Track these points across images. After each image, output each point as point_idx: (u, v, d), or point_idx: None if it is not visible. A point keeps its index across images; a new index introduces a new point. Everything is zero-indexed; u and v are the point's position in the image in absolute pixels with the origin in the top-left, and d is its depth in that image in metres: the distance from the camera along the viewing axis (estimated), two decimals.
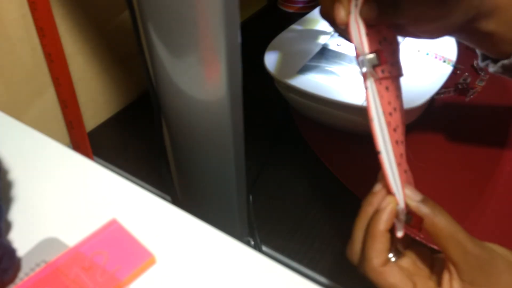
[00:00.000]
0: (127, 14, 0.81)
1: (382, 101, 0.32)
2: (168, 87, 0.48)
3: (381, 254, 0.31)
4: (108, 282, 0.33)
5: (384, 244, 0.32)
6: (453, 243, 0.30)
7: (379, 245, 0.31)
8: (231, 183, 0.56)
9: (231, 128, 0.51)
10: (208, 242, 0.37)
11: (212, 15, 0.41)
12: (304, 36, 0.78)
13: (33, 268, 0.35)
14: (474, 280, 0.30)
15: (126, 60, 0.87)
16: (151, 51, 0.46)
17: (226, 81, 0.46)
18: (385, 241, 0.32)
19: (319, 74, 0.69)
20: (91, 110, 0.85)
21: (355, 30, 0.31)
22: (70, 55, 0.75)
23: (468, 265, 0.30)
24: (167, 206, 0.39)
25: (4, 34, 0.65)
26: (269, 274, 0.35)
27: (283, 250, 0.62)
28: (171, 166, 0.60)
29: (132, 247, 0.35)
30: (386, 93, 0.32)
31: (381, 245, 0.32)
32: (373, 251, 0.31)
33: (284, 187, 0.70)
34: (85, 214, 0.39)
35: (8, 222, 0.38)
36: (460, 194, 0.61)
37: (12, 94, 0.70)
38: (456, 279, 0.30)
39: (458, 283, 0.30)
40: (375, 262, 0.31)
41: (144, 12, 0.44)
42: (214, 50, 0.44)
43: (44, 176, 0.42)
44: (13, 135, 0.46)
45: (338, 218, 0.66)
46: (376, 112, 0.32)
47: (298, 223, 0.65)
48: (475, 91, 0.77)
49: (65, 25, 0.73)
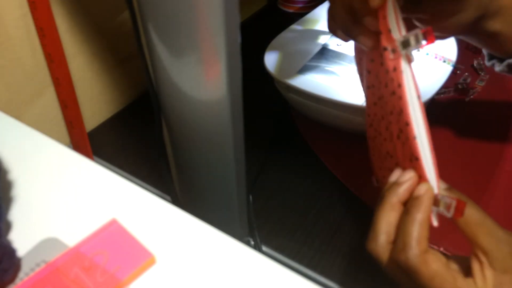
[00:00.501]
0: (127, 14, 0.81)
1: (415, 84, 0.31)
2: (168, 87, 0.48)
3: (424, 241, 0.30)
4: (108, 282, 0.33)
5: (426, 231, 0.30)
6: (484, 230, 0.29)
7: (423, 232, 0.30)
8: (231, 183, 0.56)
9: (231, 128, 0.50)
10: (208, 242, 0.37)
11: (212, 15, 0.41)
12: (304, 36, 0.78)
13: (33, 268, 0.35)
14: (507, 268, 0.29)
15: (126, 60, 0.87)
16: (151, 51, 0.46)
17: (226, 81, 0.46)
18: (426, 229, 0.30)
19: (319, 74, 0.69)
20: (91, 110, 0.85)
21: (392, 13, 0.31)
22: (70, 55, 0.75)
23: (501, 252, 0.29)
24: (167, 206, 0.39)
25: (4, 34, 0.65)
26: (269, 274, 0.35)
27: (283, 250, 0.62)
28: (171, 166, 0.60)
29: (132, 247, 0.35)
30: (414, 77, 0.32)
31: (424, 232, 0.30)
32: (416, 238, 0.30)
33: (284, 187, 0.70)
34: (85, 214, 0.39)
35: (8, 222, 0.38)
36: None
37: (12, 94, 0.70)
38: (488, 268, 0.29)
39: (490, 272, 0.29)
40: (419, 248, 0.30)
41: (144, 12, 0.44)
42: (214, 50, 0.44)
43: (44, 176, 0.42)
44: (13, 135, 0.46)
45: (338, 218, 0.66)
46: (410, 96, 0.31)
47: (298, 223, 0.65)
48: (475, 91, 0.77)
49: (65, 25, 0.73)
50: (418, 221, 0.30)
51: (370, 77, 0.39)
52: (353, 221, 0.64)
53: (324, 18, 0.80)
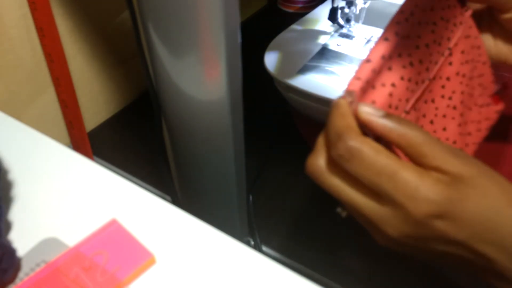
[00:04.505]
0: (127, 14, 0.81)
1: None
2: (168, 87, 0.48)
3: (357, 129, 0.27)
4: (108, 282, 0.33)
5: (354, 121, 0.27)
6: (431, 148, 0.27)
7: (352, 121, 0.27)
8: (231, 183, 0.56)
9: (231, 128, 0.51)
10: (208, 242, 0.37)
11: (212, 15, 0.41)
12: (304, 36, 0.78)
13: (33, 268, 0.35)
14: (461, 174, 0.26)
15: (126, 60, 0.87)
16: (151, 51, 0.46)
17: (226, 81, 0.46)
18: (354, 119, 0.28)
19: (319, 74, 0.69)
20: (91, 110, 0.85)
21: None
22: (70, 55, 0.75)
23: (451, 164, 0.26)
24: (167, 206, 0.39)
25: (4, 34, 0.65)
26: (269, 274, 0.35)
27: (283, 250, 0.62)
28: (171, 166, 0.60)
29: (132, 247, 0.35)
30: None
31: (354, 121, 0.27)
32: (347, 125, 0.27)
33: (284, 187, 0.70)
34: (85, 214, 0.39)
35: (8, 222, 0.38)
36: None
37: (12, 94, 0.70)
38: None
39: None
40: (354, 132, 0.27)
41: (144, 12, 0.44)
42: (214, 50, 0.44)
43: (44, 176, 0.42)
44: (13, 135, 0.46)
45: (338, 218, 0.66)
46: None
47: (298, 223, 0.65)
48: None
49: (65, 25, 0.73)
50: (341, 113, 0.28)
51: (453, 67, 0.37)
52: (353, 221, 0.64)
53: (324, 18, 0.80)
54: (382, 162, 0.26)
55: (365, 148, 0.26)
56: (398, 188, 0.26)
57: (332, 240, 0.63)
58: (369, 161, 0.26)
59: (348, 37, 0.76)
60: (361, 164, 0.26)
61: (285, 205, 0.68)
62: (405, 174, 0.25)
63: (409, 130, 0.27)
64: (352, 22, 0.75)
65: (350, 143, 0.26)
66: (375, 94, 0.30)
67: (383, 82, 0.31)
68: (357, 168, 0.27)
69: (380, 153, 0.26)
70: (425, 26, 0.34)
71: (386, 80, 0.31)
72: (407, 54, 0.32)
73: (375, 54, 0.31)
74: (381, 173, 0.26)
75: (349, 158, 0.27)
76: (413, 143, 0.27)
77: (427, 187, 0.25)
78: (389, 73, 0.31)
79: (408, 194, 0.25)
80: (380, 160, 0.26)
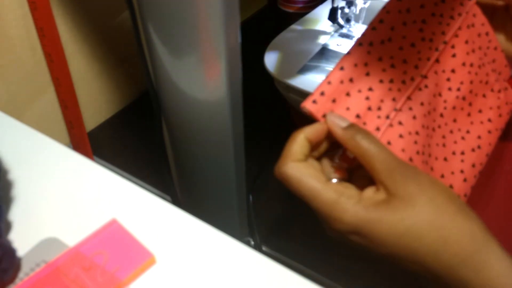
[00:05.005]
0: (127, 14, 0.81)
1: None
2: (168, 87, 0.48)
3: (299, 155, 0.31)
4: (108, 282, 0.33)
5: (305, 148, 0.31)
6: (378, 161, 0.29)
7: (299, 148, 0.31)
8: (231, 183, 0.56)
9: (231, 128, 0.51)
10: (208, 242, 0.37)
11: (212, 15, 0.41)
12: (304, 36, 0.78)
13: (33, 268, 0.35)
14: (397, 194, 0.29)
15: (126, 60, 0.87)
16: (151, 51, 0.46)
17: (226, 81, 0.46)
18: (305, 146, 0.32)
19: (319, 74, 0.69)
20: (91, 110, 0.85)
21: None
22: (70, 55, 0.75)
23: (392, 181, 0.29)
24: (167, 206, 0.39)
25: (4, 34, 0.65)
26: (269, 274, 0.35)
27: (283, 250, 0.62)
28: (171, 166, 0.60)
29: (132, 247, 0.35)
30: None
31: (302, 149, 0.31)
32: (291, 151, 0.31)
33: (284, 187, 0.70)
34: (85, 214, 0.39)
35: (8, 222, 0.38)
36: None
37: (12, 94, 0.70)
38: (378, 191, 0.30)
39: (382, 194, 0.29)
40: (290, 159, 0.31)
41: (144, 12, 0.44)
42: (214, 50, 0.44)
43: (44, 176, 0.42)
44: (13, 135, 0.45)
45: None
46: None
47: (298, 223, 0.65)
48: None
49: (65, 25, 0.73)
50: (295, 140, 0.32)
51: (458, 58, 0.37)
52: None
53: (324, 18, 0.80)
54: (305, 186, 0.30)
55: (293, 174, 0.31)
56: (319, 208, 0.30)
57: (332, 240, 0.63)
58: (294, 186, 0.31)
59: (348, 37, 0.76)
60: (290, 187, 0.31)
61: (285, 205, 0.68)
62: (324, 197, 0.30)
63: (365, 142, 0.30)
64: (352, 22, 0.75)
65: (281, 169, 0.31)
66: (349, 101, 0.32)
67: (359, 89, 0.33)
68: (290, 188, 0.31)
69: (303, 178, 0.30)
70: (412, 26, 0.34)
71: (363, 86, 0.33)
72: (389, 57, 0.33)
73: (347, 62, 0.33)
74: (305, 195, 0.30)
75: (282, 180, 0.32)
76: (365, 155, 0.30)
77: (342, 209, 0.29)
78: (367, 79, 0.33)
79: (327, 214, 0.30)
80: (303, 185, 0.30)
